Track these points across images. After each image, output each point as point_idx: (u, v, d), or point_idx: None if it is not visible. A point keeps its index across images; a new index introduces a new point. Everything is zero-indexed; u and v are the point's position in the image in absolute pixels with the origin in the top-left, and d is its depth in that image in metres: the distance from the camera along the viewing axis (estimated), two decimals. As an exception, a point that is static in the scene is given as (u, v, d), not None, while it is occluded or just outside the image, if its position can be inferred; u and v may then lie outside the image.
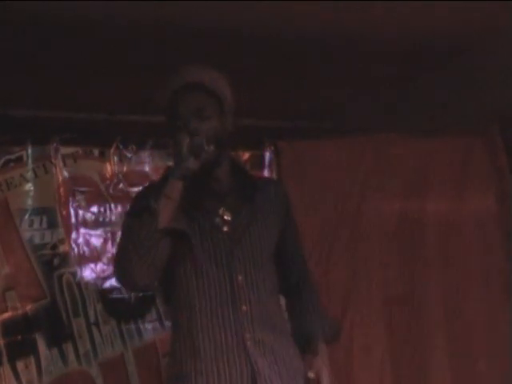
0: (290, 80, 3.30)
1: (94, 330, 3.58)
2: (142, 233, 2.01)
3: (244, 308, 2.12)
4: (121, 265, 2.08)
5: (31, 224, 3.58)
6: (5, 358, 3.40)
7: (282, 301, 2.39)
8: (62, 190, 3.66)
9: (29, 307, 3.49)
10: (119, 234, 3.66)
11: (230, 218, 2.18)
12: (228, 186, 2.26)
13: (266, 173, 3.75)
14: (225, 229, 2.17)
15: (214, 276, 2.13)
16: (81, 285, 3.61)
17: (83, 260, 3.66)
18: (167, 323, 3.70)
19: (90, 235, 3.71)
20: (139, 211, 2.04)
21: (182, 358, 2.12)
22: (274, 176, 3.67)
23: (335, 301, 3.51)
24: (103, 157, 3.79)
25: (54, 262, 3.59)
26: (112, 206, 3.76)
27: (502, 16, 2.94)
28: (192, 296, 2.13)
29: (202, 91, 2.16)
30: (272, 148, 3.80)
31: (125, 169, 3.82)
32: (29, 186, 3.61)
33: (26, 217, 3.58)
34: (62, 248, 3.62)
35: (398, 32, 3.06)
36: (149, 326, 3.69)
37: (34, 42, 3.00)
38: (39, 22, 2.82)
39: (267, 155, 3.82)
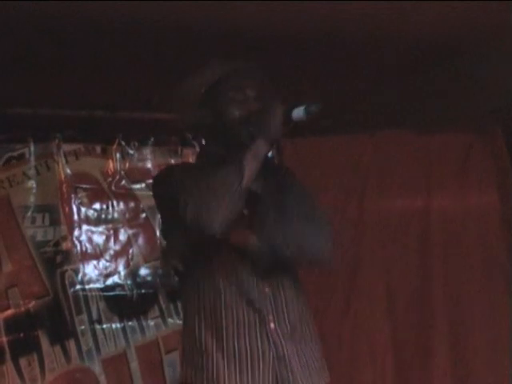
0: (290, 77, 3.29)
1: (97, 327, 3.59)
2: (227, 181, 2.01)
3: (267, 290, 2.14)
4: (197, 208, 2.00)
5: (34, 221, 3.59)
6: (8, 356, 3.42)
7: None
8: (64, 187, 3.67)
9: (31, 304, 3.50)
10: (122, 230, 3.75)
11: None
12: None
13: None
14: (245, 211, 2.14)
15: (239, 257, 2.13)
16: (83, 282, 3.62)
17: (86, 257, 3.67)
18: (170, 320, 3.73)
19: (93, 232, 3.72)
20: (225, 163, 2.05)
21: (203, 335, 2.12)
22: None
23: (337, 301, 3.52)
24: (105, 154, 3.81)
25: (57, 259, 3.60)
26: (114, 202, 3.77)
27: (503, 15, 2.93)
28: (218, 274, 2.12)
29: (256, 79, 2.23)
30: (274, 145, 3.79)
31: (127, 166, 3.83)
32: (31, 183, 3.62)
33: (29, 214, 3.59)
34: (64, 245, 3.63)
35: (398, 30, 3.05)
36: (151, 323, 3.70)
37: (35, 39, 2.99)
38: (40, 20, 2.82)
39: (269, 152, 3.82)
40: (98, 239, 3.73)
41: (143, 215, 3.79)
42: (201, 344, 2.11)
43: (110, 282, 3.68)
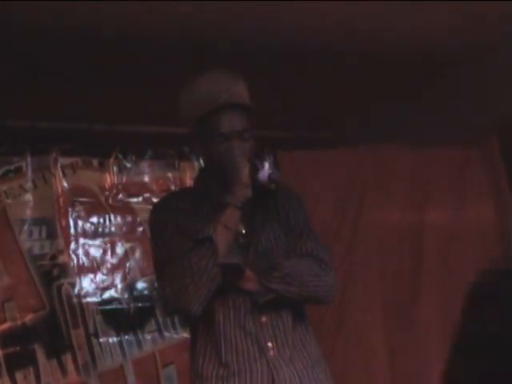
0: (289, 90, 3.31)
1: (94, 340, 3.57)
2: (202, 264, 2.02)
3: (263, 319, 2.14)
4: (175, 291, 2.04)
5: (30, 234, 3.58)
6: (4, 369, 3.39)
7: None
8: (61, 200, 3.67)
9: (28, 318, 3.49)
10: (119, 244, 3.74)
11: (244, 231, 2.17)
12: None
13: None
14: (240, 240, 2.15)
15: (235, 289, 2.14)
16: (80, 295, 3.61)
17: (82, 270, 3.66)
18: (166, 334, 3.71)
19: (90, 246, 3.71)
20: (198, 240, 2.04)
21: (204, 363, 2.14)
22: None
23: (332, 309, 3.51)
24: (102, 167, 3.80)
25: (54, 273, 3.59)
26: (111, 216, 3.76)
27: (500, 28, 2.95)
28: (217, 305, 2.12)
29: (244, 112, 2.18)
30: (272, 158, 3.79)
31: (124, 179, 3.82)
32: (28, 197, 3.61)
33: (26, 227, 3.58)
34: (61, 258, 3.62)
35: (398, 43, 3.08)
36: (148, 337, 3.69)
37: (33, 52, 3.01)
38: (40, 33, 2.83)
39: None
40: (95, 253, 3.72)
41: (140, 229, 3.78)
42: (202, 372, 2.13)
43: (106, 295, 3.67)
